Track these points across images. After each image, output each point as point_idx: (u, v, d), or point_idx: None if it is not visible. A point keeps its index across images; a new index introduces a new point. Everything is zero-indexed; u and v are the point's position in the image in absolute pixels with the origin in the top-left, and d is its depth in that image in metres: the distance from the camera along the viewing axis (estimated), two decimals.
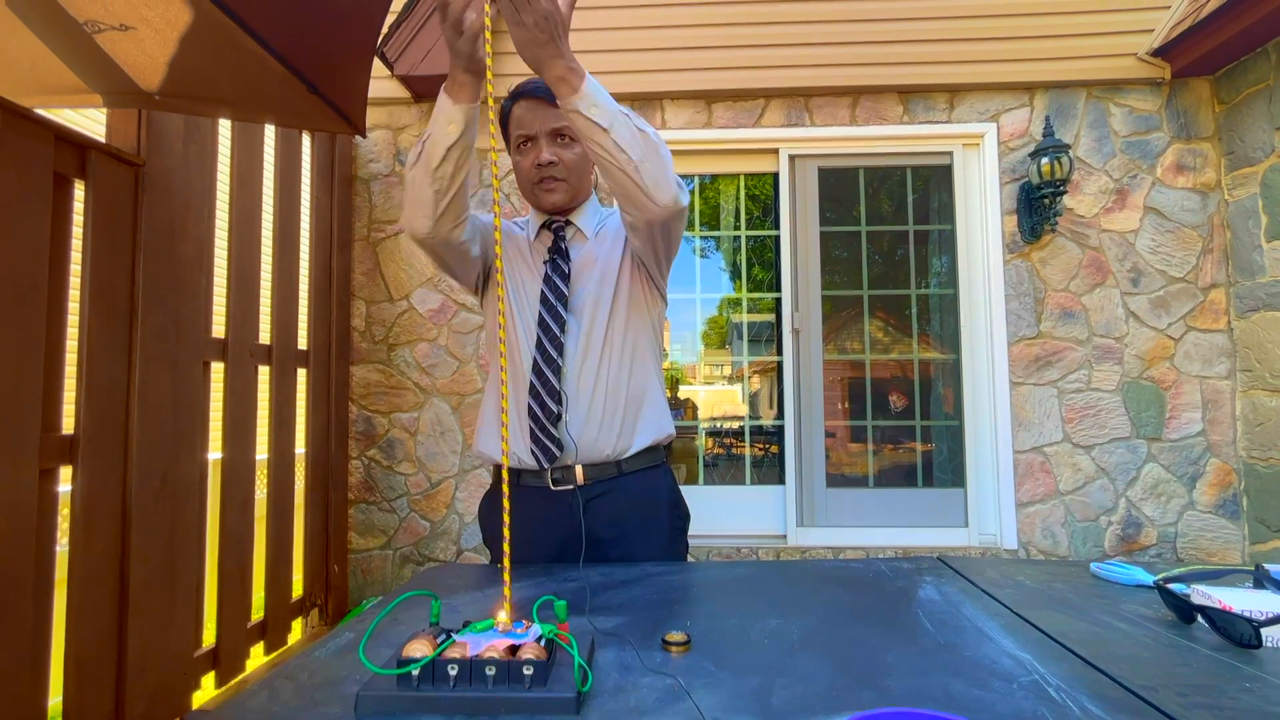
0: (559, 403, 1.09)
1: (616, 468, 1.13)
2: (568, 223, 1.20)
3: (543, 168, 1.13)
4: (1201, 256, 2.71)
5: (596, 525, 1.10)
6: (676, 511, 1.19)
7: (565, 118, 0.96)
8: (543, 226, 1.21)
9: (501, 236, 0.82)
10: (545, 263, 1.17)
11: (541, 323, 1.13)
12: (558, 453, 1.09)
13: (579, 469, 1.11)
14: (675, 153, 2.95)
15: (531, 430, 1.09)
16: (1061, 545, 2.67)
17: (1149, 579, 0.88)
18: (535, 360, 1.11)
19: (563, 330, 1.12)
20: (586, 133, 0.95)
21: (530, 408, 1.10)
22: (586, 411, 1.10)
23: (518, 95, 1.15)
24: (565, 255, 1.17)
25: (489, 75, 0.77)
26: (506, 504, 0.70)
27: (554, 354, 1.10)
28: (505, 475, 0.72)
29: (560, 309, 1.13)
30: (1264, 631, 0.66)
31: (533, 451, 1.09)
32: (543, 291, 1.14)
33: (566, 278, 1.15)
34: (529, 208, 1.25)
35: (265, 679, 0.64)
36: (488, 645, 0.59)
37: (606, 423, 1.11)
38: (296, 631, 2.41)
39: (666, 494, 1.18)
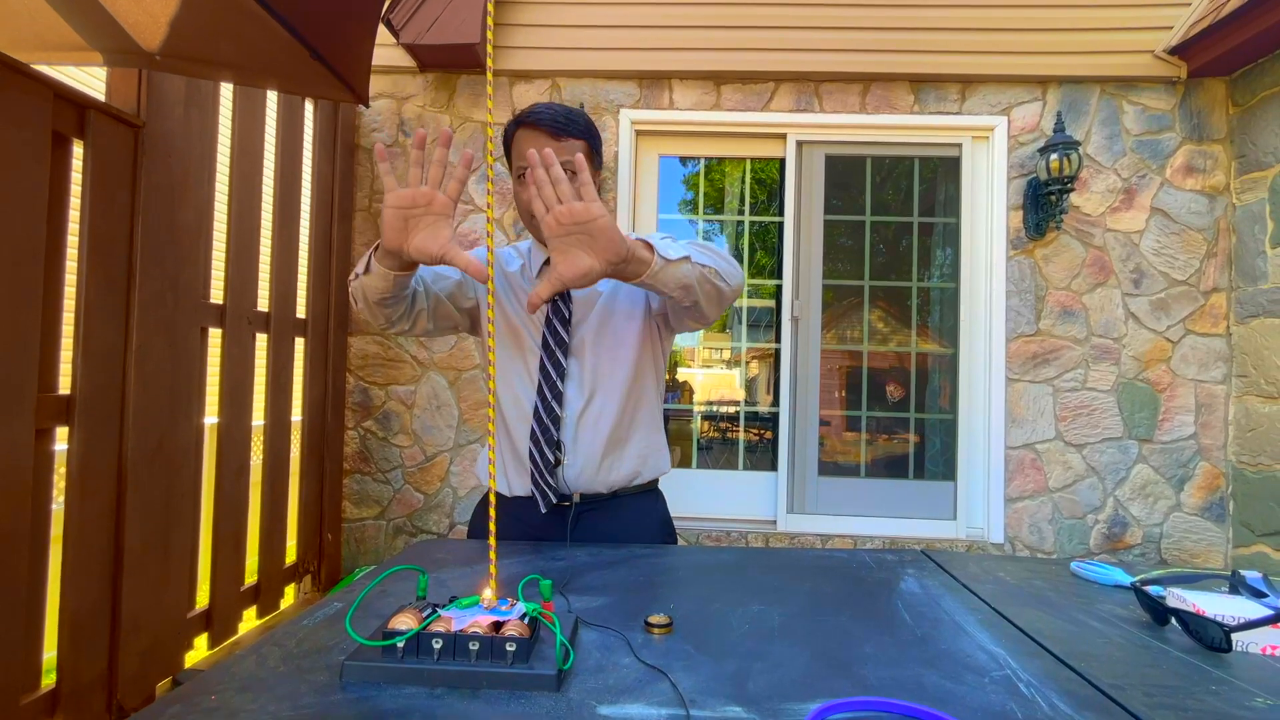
0: (558, 450, 1.10)
1: (611, 492, 1.15)
2: None
3: None
4: (1205, 260, 2.70)
5: (586, 539, 1.12)
6: (666, 530, 1.22)
7: (646, 285, 0.92)
8: (545, 263, 1.16)
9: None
10: (545, 303, 1.14)
11: (542, 368, 1.12)
12: (555, 499, 1.11)
13: (575, 493, 1.14)
14: (682, 134, 2.93)
15: (532, 474, 1.11)
16: (1047, 541, 2.70)
17: (1127, 580, 0.90)
18: (536, 407, 1.11)
19: (563, 379, 1.11)
20: (673, 277, 0.92)
21: (531, 453, 1.10)
22: (585, 458, 1.11)
23: (521, 121, 1.09)
24: (567, 296, 1.14)
25: (489, 55, 0.76)
26: (493, 483, 0.70)
27: (554, 405, 1.10)
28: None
29: (560, 356, 1.11)
30: (1234, 636, 0.67)
31: (532, 493, 1.11)
32: (544, 336, 1.13)
33: (567, 322, 1.13)
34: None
35: (253, 645, 0.65)
36: (472, 621, 0.60)
37: (605, 468, 1.13)
38: (289, 597, 2.44)
39: (658, 515, 1.21)
